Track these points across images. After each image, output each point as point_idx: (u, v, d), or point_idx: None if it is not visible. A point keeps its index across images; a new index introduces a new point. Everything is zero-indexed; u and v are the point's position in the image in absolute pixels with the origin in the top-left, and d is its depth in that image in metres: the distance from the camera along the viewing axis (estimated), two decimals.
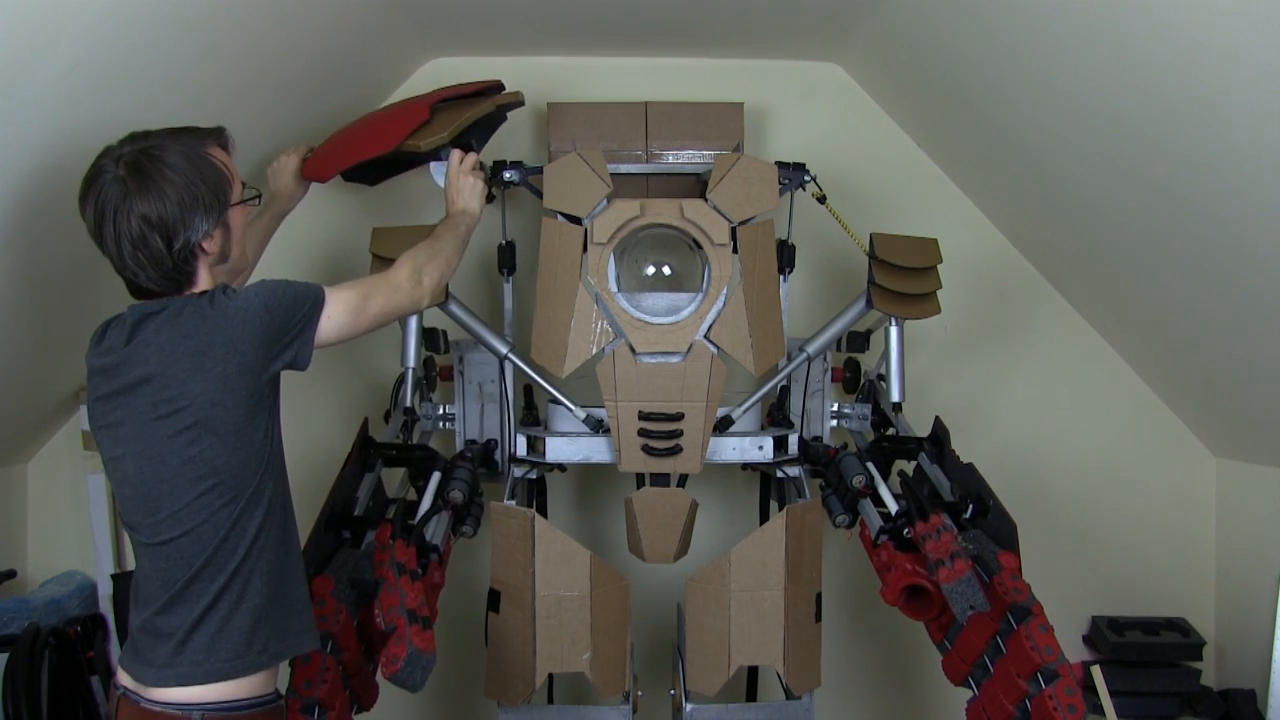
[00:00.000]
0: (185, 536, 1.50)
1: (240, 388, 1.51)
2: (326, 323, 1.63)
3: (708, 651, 2.15)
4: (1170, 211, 2.19)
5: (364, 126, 2.26)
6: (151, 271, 1.51)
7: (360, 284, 1.74)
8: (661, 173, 2.50)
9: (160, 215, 1.49)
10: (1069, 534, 2.86)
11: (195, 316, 1.51)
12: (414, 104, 2.25)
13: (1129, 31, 1.84)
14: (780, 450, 2.34)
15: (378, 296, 1.73)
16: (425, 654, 1.78)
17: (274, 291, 1.57)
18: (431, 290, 1.86)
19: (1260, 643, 2.63)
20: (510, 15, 2.55)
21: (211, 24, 1.92)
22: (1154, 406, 2.92)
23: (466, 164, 2.15)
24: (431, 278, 1.86)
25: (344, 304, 1.66)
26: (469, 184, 2.14)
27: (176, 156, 1.52)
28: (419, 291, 1.83)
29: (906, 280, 2.31)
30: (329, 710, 1.81)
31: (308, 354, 1.61)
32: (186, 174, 1.51)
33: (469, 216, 2.11)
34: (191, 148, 1.55)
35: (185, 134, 1.57)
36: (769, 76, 2.84)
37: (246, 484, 1.53)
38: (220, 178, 1.57)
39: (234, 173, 1.61)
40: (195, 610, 1.50)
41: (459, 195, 2.12)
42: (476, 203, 2.14)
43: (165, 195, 1.49)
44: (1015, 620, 1.98)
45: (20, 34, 1.56)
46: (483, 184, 2.16)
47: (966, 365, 2.90)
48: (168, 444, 1.49)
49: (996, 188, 2.81)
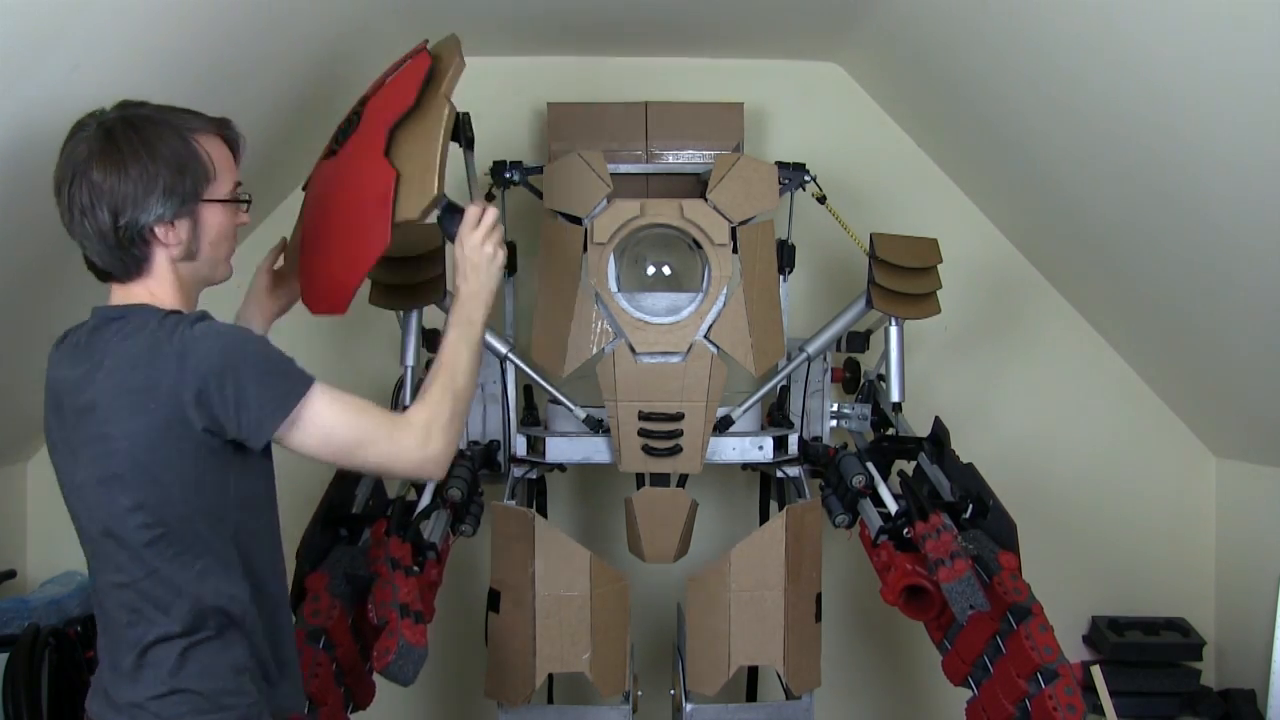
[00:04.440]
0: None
1: (185, 440, 1.34)
2: (294, 432, 1.37)
3: (708, 651, 2.15)
4: (1170, 211, 2.19)
5: (328, 223, 1.72)
6: (96, 245, 1.39)
7: (358, 418, 1.42)
8: (661, 173, 2.50)
9: (112, 187, 1.36)
10: (1069, 534, 2.86)
11: (150, 344, 1.35)
12: (365, 152, 1.69)
13: (1129, 31, 1.84)
14: (780, 450, 2.34)
15: (371, 450, 1.43)
16: (416, 648, 1.78)
17: (247, 354, 1.36)
18: (437, 459, 1.47)
19: (1260, 643, 2.63)
20: (510, 15, 2.55)
21: (212, 25, 1.92)
22: (1154, 406, 2.92)
23: (485, 223, 1.62)
24: (440, 441, 1.47)
25: (324, 433, 1.40)
26: (486, 256, 1.61)
27: (153, 132, 1.39)
28: (423, 457, 1.46)
29: (906, 280, 2.31)
30: (321, 706, 1.81)
31: (260, 440, 1.37)
32: (156, 151, 1.38)
33: (483, 305, 1.60)
34: (176, 129, 1.41)
35: (180, 114, 1.44)
36: (769, 76, 2.84)
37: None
38: (197, 166, 1.41)
39: (222, 168, 1.45)
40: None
41: (474, 272, 1.60)
42: (494, 280, 1.62)
43: (125, 168, 1.37)
44: (1015, 620, 1.98)
45: (21, 34, 1.56)
46: (504, 253, 1.65)
47: (966, 365, 2.90)
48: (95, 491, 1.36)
49: (996, 188, 2.81)
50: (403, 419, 1.46)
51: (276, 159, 2.60)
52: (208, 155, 1.43)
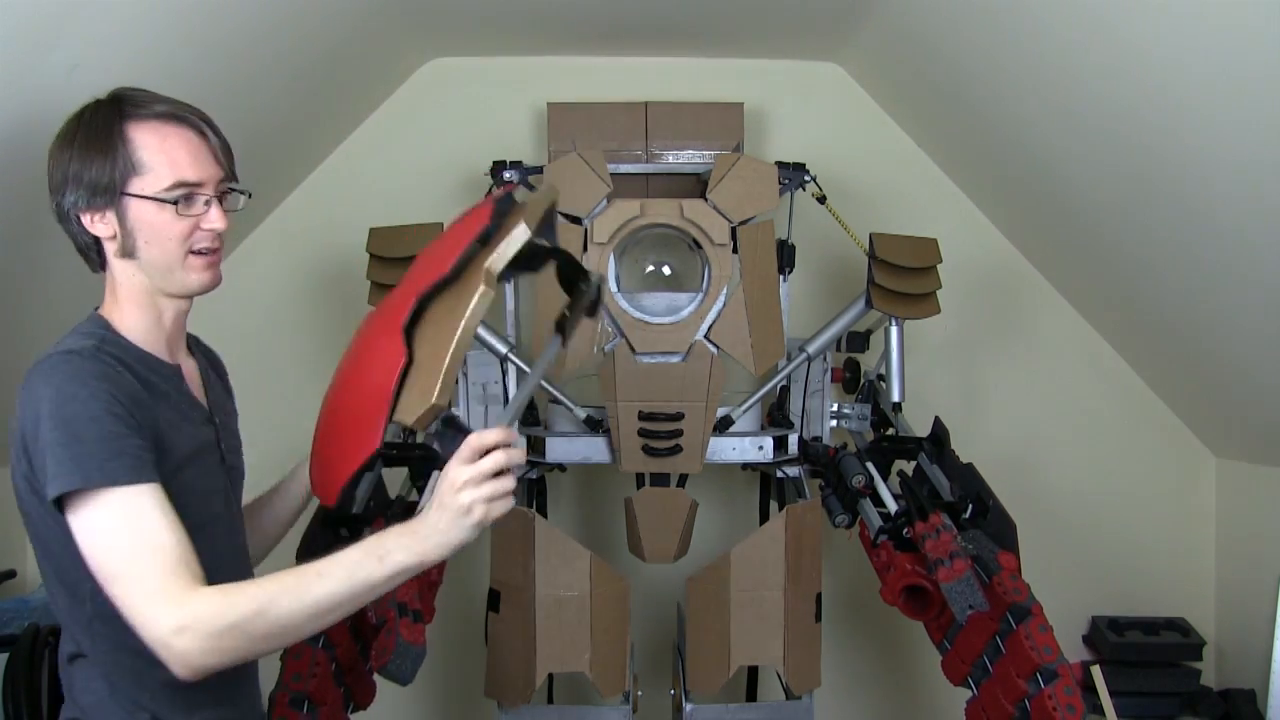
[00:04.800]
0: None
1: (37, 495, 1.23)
2: (71, 519, 1.20)
3: (708, 651, 2.15)
4: (1170, 211, 2.19)
5: (336, 392, 1.48)
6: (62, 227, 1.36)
7: (129, 554, 1.18)
8: (661, 173, 2.50)
9: (52, 169, 1.33)
10: (1069, 534, 2.86)
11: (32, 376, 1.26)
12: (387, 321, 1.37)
13: (1129, 32, 1.84)
14: (780, 450, 2.34)
15: (124, 597, 1.18)
16: (414, 646, 1.78)
17: (63, 416, 1.20)
18: (184, 658, 1.17)
19: (1260, 643, 2.63)
20: (510, 15, 2.55)
21: (212, 24, 1.92)
22: (1154, 406, 2.92)
23: (479, 467, 1.25)
24: (197, 646, 1.16)
25: (88, 544, 1.20)
26: (457, 508, 1.24)
27: (92, 116, 1.31)
28: (166, 646, 1.16)
29: (906, 280, 2.31)
30: (321, 705, 1.81)
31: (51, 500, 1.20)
32: (77, 137, 1.31)
33: (416, 556, 1.24)
34: (121, 115, 1.31)
35: (143, 102, 1.33)
36: (769, 76, 2.84)
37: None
38: (116, 155, 1.29)
39: (158, 162, 1.31)
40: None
41: (436, 514, 1.25)
42: (455, 540, 1.25)
43: (55, 150, 1.33)
44: (1015, 620, 1.98)
45: (21, 34, 1.56)
46: (490, 511, 1.26)
47: (966, 365, 2.90)
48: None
49: (996, 188, 2.81)
50: (177, 590, 1.17)
51: (276, 160, 2.60)
52: (141, 146, 1.30)
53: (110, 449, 1.20)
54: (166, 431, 1.30)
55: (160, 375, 1.36)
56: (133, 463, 1.21)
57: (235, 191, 1.41)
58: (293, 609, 1.19)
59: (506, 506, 1.28)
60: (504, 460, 1.27)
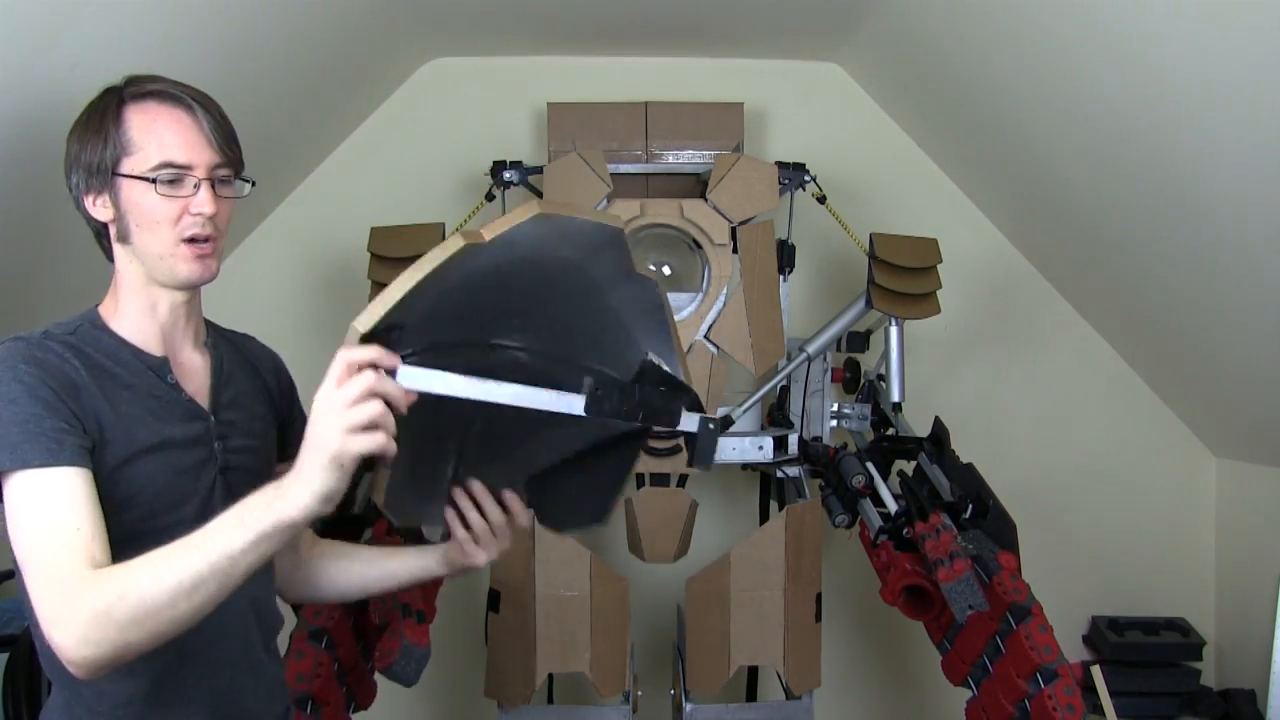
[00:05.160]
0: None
1: None
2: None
3: (708, 651, 2.15)
4: (1170, 211, 2.19)
5: None
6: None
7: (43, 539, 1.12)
8: (661, 173, 2.50)
9: (65, 154, 1.31)
10: (1069, 534, 2.86)
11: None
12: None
13: (1129, 31, 1.84)
14: (780, 450, 2.34)
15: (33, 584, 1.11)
16: (419, 648, 1.78)
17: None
18: (63, 652, 1.07)
19: (1260, 643, 2.63)
20: (510, 15, 2.55)
21: (212, 25, 1.92)
22: (1154, 406, 2.92)
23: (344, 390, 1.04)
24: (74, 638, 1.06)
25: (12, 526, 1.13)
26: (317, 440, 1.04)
27: (98, 100, 1.30)
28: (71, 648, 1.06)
29: (906, 280, 2.31)
30: (323, 706, 1.81)
31: None
32: (83, 120, 1.30)
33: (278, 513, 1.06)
34: (119, 96, 1.29)
35: (142, 81, 1.30)
36: (769, 76, 2.84)
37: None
38: (109, 135, 1.27)
39: (148, 141, 1.27)
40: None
41: (302, 455, 1.06)
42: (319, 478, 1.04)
43: (73, 135, 1.31)
44: (1015, 620, 1.98)
45: (21, 35, 1.56)
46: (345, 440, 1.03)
47: (966, 365, 2.90)
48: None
49: (996, 188, 2.81)
50: (65, 579, 1.09)
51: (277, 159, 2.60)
52: (133, 126, 1.27)
53: (25, 431, 1.14)
54: (117, 421, 1.24)
55: (130, 366, 1.30)
56: (49, 445, 1.15)
57: (238, 180, 1.35)
58: (155, 588, 1.05)
59: (372, 442, 1.03)
60: (372, 384, 1.04)
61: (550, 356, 1.26)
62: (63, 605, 1.08)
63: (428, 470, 1.26)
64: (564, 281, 1.25)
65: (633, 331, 1.28)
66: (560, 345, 1.26)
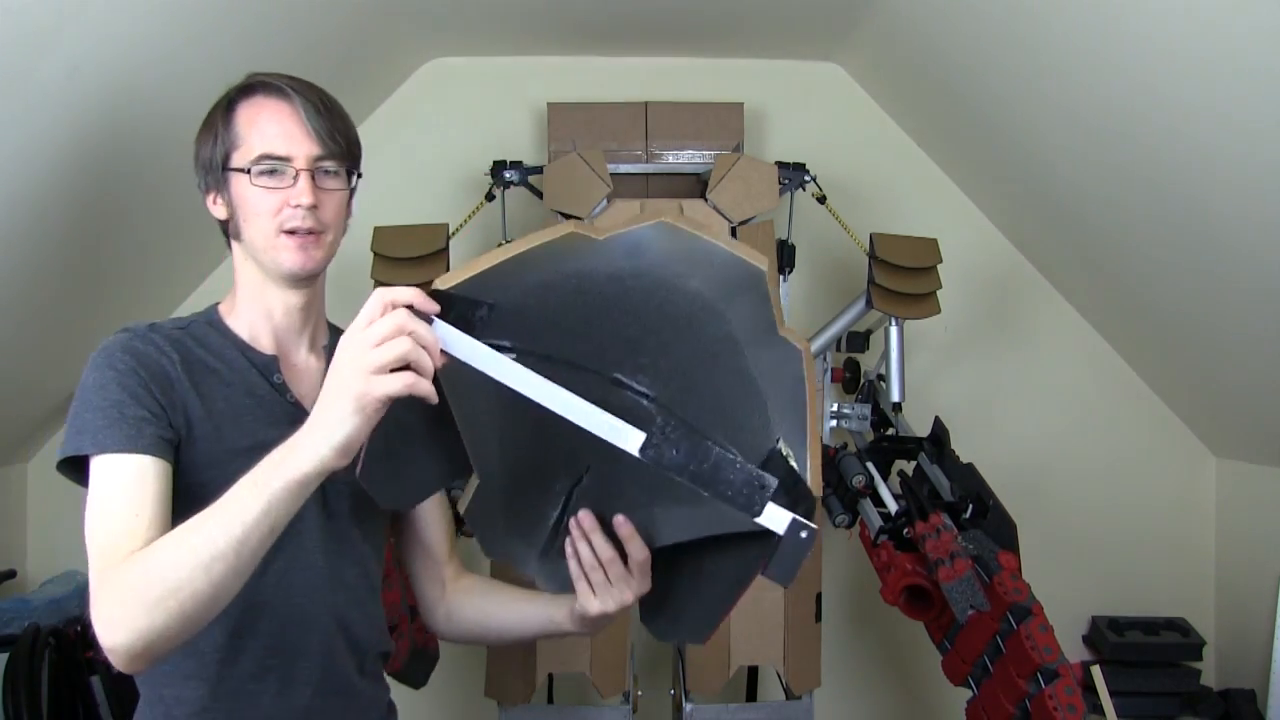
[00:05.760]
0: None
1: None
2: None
3: (708, 651, 2.15)
4: (1170, 211, 2.19)
5: None
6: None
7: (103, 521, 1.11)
8: (661, 173, 2.50)
9: (195, 153, 1.34)
10: (1069, 534, 2.86)
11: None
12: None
13: (1129, 31, 1.84)
14: None
15: (92, 560, 1.10)
16: (428, 650, 1.77)
17: (82, 385, 1.20)
18: (103, 638, 1.04)
19: (1260, 643, 2.63)
20: (510, 15, 2.55)
21: (212, 25, 1.92)
22: (1154, 406, 2.92)
23: (375, 328, 0.99)
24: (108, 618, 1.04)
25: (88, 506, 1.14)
26: (339, 380, 1.00)
27: (220, 100, 1.32)
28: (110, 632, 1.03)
29: (906, 280, 2.31)
30: None
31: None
32: (206, 122, 1.32)
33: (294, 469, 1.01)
34: (230, 98, 1.31)
35: (247, 81, 1.32)
36: (769, 76, 2.84)
37: None
38: (220, 131, 1.29)
39: (250, 133, 1.28)
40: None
41: (321, 398, 1.02)
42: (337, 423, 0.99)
43: (198, 135, 1.33)
44: (1015, 620, 1.98)
45: (21, 36, 1.56)
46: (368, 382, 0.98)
47: (966, 365, 2.90)
48: None
49: (996, 188, 2.81)
50: (111, 562, 1.07)
51: None
52: (240, 121, 1.29)
53: (108, 417, 1.15)
54: (207, 418, 1.23)
55: (233, 364, 1.29)
56: (129, 432, 1.15)
57: (345, 172, 1.33)
58: (174, 564, 1.01)
59: (399, 382, 0.97)
60: (403, 322, 0.98)
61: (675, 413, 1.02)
62: (99, 588, 1.06)
63: (526, 504, 1.14)
64: (693, 321, 1.04)
65: (767, 408, 1.06)
66: (678, 400, 1.04)
